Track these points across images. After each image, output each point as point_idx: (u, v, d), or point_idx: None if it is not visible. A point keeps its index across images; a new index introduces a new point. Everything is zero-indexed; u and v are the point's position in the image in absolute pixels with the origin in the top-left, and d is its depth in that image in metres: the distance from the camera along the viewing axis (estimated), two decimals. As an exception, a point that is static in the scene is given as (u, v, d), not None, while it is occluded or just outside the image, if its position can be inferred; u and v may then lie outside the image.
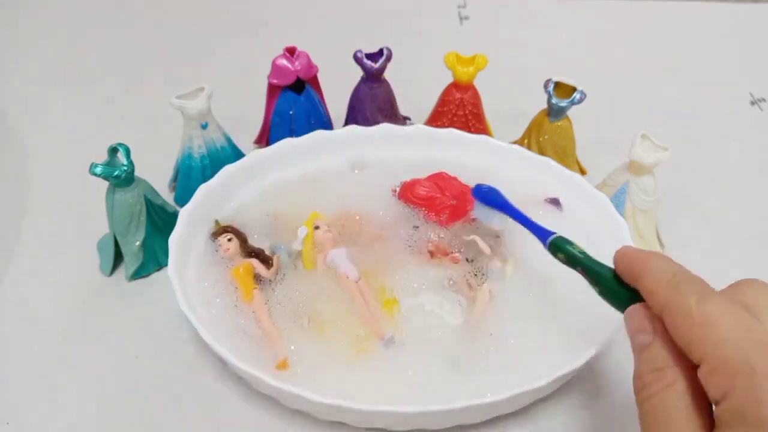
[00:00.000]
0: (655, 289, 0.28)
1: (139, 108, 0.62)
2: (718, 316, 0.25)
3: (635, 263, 0.29)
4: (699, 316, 0.25)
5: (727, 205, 0.54)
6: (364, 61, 0.51)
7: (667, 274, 0.28)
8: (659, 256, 0.29)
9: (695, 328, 0.25)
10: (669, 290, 0.27)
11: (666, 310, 0.26)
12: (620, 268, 0.30)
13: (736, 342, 0.24)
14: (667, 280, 0.27)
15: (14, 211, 0.51)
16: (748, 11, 0.79)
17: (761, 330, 0.24)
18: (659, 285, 0.27)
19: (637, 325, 0.28)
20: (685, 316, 0.25)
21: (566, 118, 0.51)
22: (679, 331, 0.25)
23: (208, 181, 0.45)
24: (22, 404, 0.39)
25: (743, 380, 0.23)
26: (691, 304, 0.25)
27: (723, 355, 0.24)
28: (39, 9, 0.77)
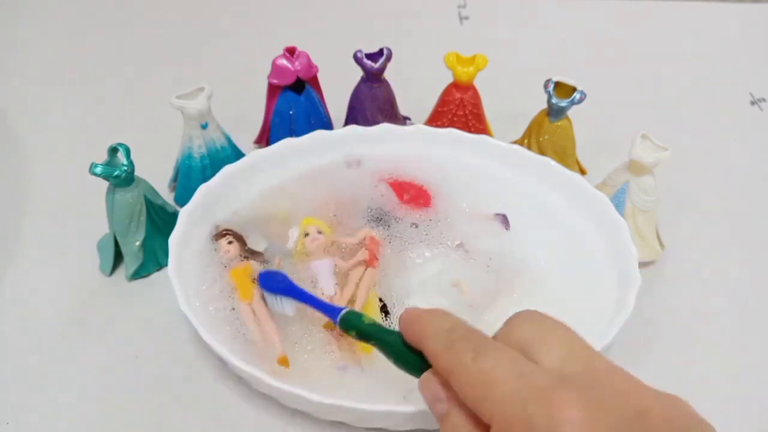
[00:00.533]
0: (435, 351, 0.27)
1: (139, 108, 0.62)
2: (493, 371, 0.24)
3: (416, 324, 0.29)
4: (476, 375, 0.25)
5: (727, 205, 0.54)
6: (364, 61, 0.51)
7: (444, 332, 0.27)
8: (438, 314, 0.29)
9: (476, 388, 0.25)
10: (447, 351, 0.26)
11: (448, 374, 0.26)
12: (405, 332, 0.29)
13: (513, 396, 0.23)
14: (444, 339, 0.27)
15: (14, 211, 0.51)
16: (748, 11, 0.79)
17: (535, 373, 0.24)
18: (437, 348, 0.27)
19: (432, 395, 0.27)
20: (466, 378, 0.25)
21: (566, 118, 0.51)
22: (464, 394, 0.25)
23: (208, 181, 0.45)
24: (22, 404, 0.39)
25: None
26: (467, 363, 0.25)
27: (504, 412, 0.23)
28: (39, 9, 0.77)
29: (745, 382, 0.41)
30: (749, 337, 0.44)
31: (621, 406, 0.23)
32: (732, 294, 0.47)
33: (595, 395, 0.23)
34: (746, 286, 0.47)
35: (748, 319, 0.45)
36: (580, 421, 0.22)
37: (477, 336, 0.27)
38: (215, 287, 0.41)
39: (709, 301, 0.46)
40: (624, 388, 0.24)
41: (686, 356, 0.42)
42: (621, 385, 0.24)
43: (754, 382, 0.41)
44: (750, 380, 0.41)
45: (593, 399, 0.23)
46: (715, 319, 0.45)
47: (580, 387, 0.23)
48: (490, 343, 0.26)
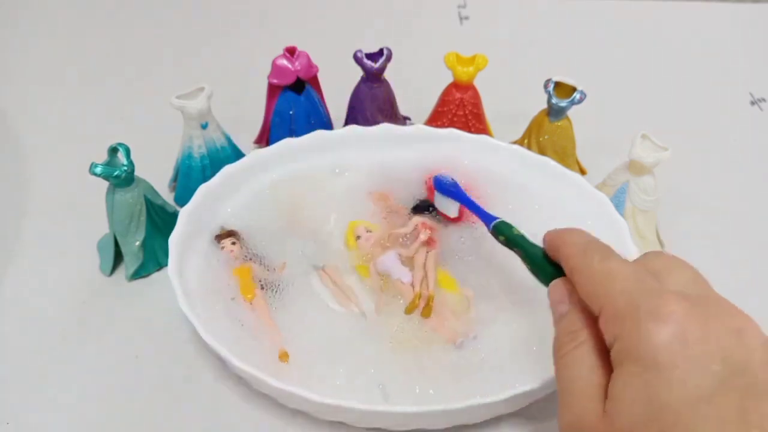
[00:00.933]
0: (568, 255, 0.30)
1: (139, 108, 0.62)
2: (616, 271, 0.27)
3: (558, 238, 0.32)
4: (599, 272, 0.27)
5: (727, 205, 0.54)
6: (364, 61, 0.51)
7: (580, 242, 0.30)
8: (578, 231, 0.32)
9: (596, 283, 0.27)
10: (579, 254, 0.29)
11: (575, 272, 0.29)
12: (546, 245, 0.33)
13: (628, 291, 0.26)
14: (579, 246, 0.30)
15: (14, 211, 0.51)
16: (748, 11, 0.79)
17: (651, 279, 0.26)
18: (572, 251, 0.30)
19: (557, 296, 0.30)
20: (589, 273, 0.28)
21: (566, 118, 0.51)
22: (584, 289, 0.28)
23: (208, 181, 0.45)
24: (22, 404, 0.39)
25: (629, 322, 0.25)
26: (594, 263, 0.28)
27: (616, 303, 0.26)
28: (39, 9, 0.77)
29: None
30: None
31: (724, 321, 0.24)
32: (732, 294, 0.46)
33: (703, 305, 0.25)
34: (746, 286, 0.47)
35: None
36: (681, 314, 0.24)
37: (608, 248, 0.29)
38: (215, 287, 0.41)
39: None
40: (732, 312, 0.26)
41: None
42: (730, 309, 0.26)
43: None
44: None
45: (701, 306, 0.25)
46: (715, 319, 0.45)
47: (691, 299, 0.25)
48: (618, 255, 0.29)
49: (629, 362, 0.24)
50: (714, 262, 0.48)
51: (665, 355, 0.23)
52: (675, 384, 0.23)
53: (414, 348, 0.39)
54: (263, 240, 0.44)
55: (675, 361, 0.23)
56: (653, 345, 0.23)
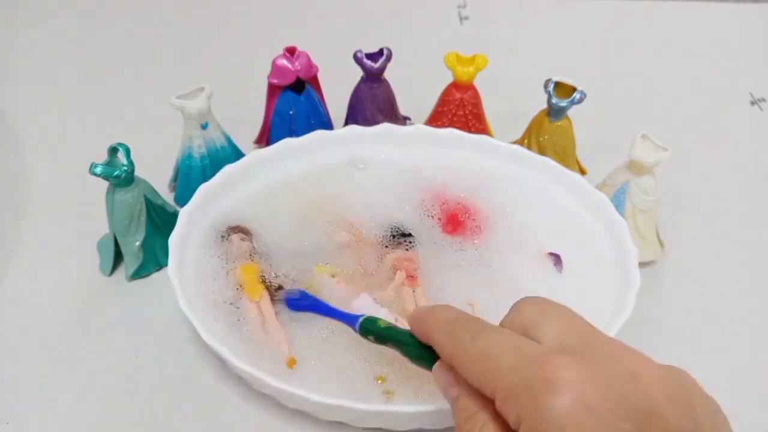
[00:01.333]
0: (439, 342, 0.29)
1: (139, 108, 0.62)
2: (491, 347, 0.26)
3: (423, 320, 0.30)
4: (476, 354, 0.26)
5: (727, 205, 0.54)
6: (364, 61, 0.51)
7: (446, 323, 0.29)
8: (441, 308, 0.30)
9: (476, 366, 0.26)
10: (448, 339, 0.28)
11: (452, 358, 0.27)
12: (413, 328, 0.31)
13: (510, 365, 0.25)
14: (446, 328, 0.28)
15: (14, 211, 0.51)
16: (748, 11, 0.79)
17: (531, 345, 0.25)
18: (441, 336, 0.28)
19: (444, 381, 0.29)
20: (466, 358, 0.26)
21: (566, 118, 0.51)
22: (467, 374, 0.26)
23: (208, 181, 0.45)
24: (22, 404, 0.39)
25: (526, 400, 0.23)
26: (467, 345, 0.27)
27: (505, 383, 0.24)
28: (39, 9, 0.77)
29: (746, 382, 0.41)
30: (749, 337, 0.44)
31: (616, 368, 0.24)
32: (732, 294, 0.47)
33: (589, 358, 0.24)
34: (746, 286, 0.47)
35: (748, 319, 0.45)
36: (574, 378, 0.23)
37: (477, 322, 0.28)
38: (215, 287, 0.41)
39: (709, 301, 0.46)
40: (620, 354, 0.25)
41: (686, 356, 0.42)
42: (617, 351, 0.25)
43: (755, 382, 0.41)
44: (750, 380, 0.41)
45: (588, 361, 0.24)
46: (715, 318, 0.45)
47: (575, 352, 0.24)
48: (488, 326, 0.28)
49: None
50: (714, 262, 0.49)
51: (573, 427, 0.22)
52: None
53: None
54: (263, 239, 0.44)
55: (584, 429, 0.22)
56: (557, 420, 0.22)
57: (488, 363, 0.25)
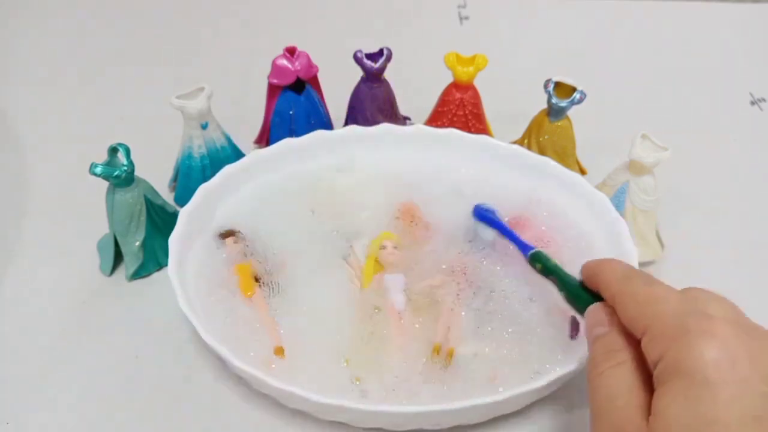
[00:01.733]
0: (609, 281, 0.31)
1: (139, 108, 0.62)
2: (662, 294, 0.28)
3: (598, 266, 0.33)
4: (644, 296, 0.28)
5: (727, 205, 0.54)
6: (364, 61, 0.51)
7: (621, 270, 0.31)
8: (616, 261, 0.33)
9: (640, 306, 0.28)
10: (621, 281, 0.30)
11: (617, 297, 0.29)
12: (584, 274, 0.33)
13: (677, 312, 0.26)
14: (621, 274, 0.30)
15: (14, 211, 0.51)
16: (748, 11, 0.79)
17: (699, 307, 0.27)
18: (613, 278, 0.30)
19: (595, 320, 0.30)
20: (633, 297, 0.28)
21: (566, 118, 0.51)
22: (628, 312, 0.28)
23: (208, 181, 0.45)
24: (22, 404, 0.39)
25: (678, 340, 0.25)
26: (638, 287, 0.29)
27: (662, 323, 0.26)
28: (39, 9, 0.77)
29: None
30: (749, 337, 0.44)
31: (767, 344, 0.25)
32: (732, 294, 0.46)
33: (746, 331, 0.25)
34: (746, 286, 0.47)
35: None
36: (729, 336, 0.24)
37: (651, 276, 0.30)
38: (215, 287, 0.41)
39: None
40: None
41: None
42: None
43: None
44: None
45: (744, 332, 0.25)
46: (715, 319, 0.45)
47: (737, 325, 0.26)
48: (662, 282, 0.29)
49: (677, 378, 0.24)
50: (714, 262, 0.49)
51: (715, 373, 0.23)
52: (725, 401, 0.23)
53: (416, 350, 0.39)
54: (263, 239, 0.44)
55: (725, 380, 0.23)
56: (703, 362, 0.24)
57: (654, 305, 0.27)
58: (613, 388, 0.27)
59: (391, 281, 0.42)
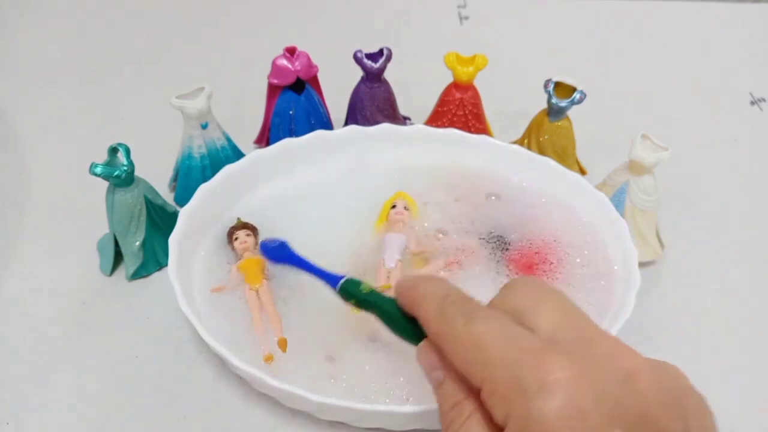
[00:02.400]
0: (427, 317, 0.27)
1: (139, 108, 0.62)
2: (484, 334, 0.24)
3: (411, 290, 0.28)
4: (467, 340, 0.25)
5: (727, 205, 0.54)
6: (364, 61, 0.51)
7: (436, 299, 0.27)
8: (432, 280, 0.29)
9: (467, 352, 0.25)
10: (438, 317, 0.26)
11: (439, 338, 0.26)
12: (400, 298, 0.29)
13: (502, 358, 0.23)
14: (437, 305, 0.27)
15: (14, 210, 0.51)
16: (748, 11, 0.79)
17: (526, 337, 0.24)
18: (430, 313, 0.27)
19: (429, 362, 0.27)
20: (456, 342, 0.25)
21: (566, 118, 0.51)
22: (455, 359, 0.25)
23: (208, 181, 0.45)
24: (22, 404, 0.39)
25: (516, 400, 0.22)
26: (458, 328, 0.25)
27: (493, 375, 0.23)
28: (39, 9, 0.77)
29: (746, 382, 0.41)
30: (749, 337, 0.44)
31: (611, 368, 0.23)
32: (732, 294, 0.47)
33: (584, 357, 0.23)
34: (746, 286, 0.47)
35: (748, 319, 0.45)
36: (568, 382, 0.22)
37: (469, 302, 0.27)
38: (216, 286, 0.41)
39: (709, 301, 0.46)
40: (614, 352, 0.24)
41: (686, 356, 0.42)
42: (612, 349, 0.24)
43: (755, 382, 0.41)
44: (750, 380, 0.41)
45: (582, 361, 0.23)
46: (715, 319, 0.45)
47: (570, 350, 0.23)
48: (482, 309, 0.26)
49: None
50: (714, 262, 0.49)
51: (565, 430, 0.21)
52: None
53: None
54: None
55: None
56: (548, 425, 0.21)
57: (479, 352, 0.24)
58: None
59: (391, 239, 0.43)
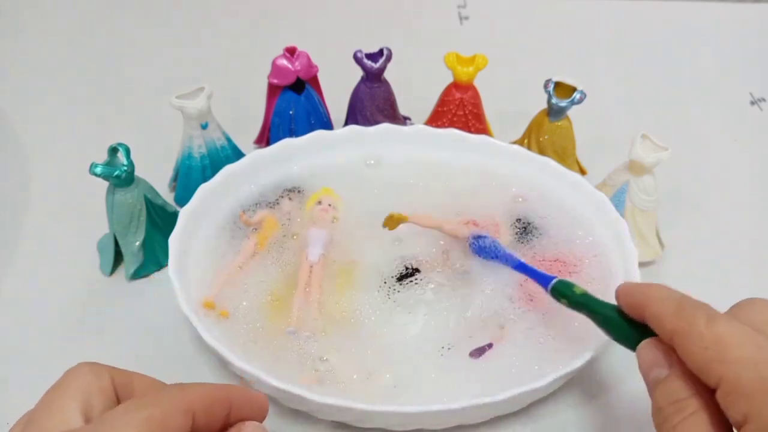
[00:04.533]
0: (662, 315, 0.27)
1: (139, 108, 0.62)
2: (729, 336, 0.25)
3: (638, 295, 0.29)
4: (710, 338, 0.25)
5: (727, 205, 0.54)
6: (364, 61, 0.51)
7: (672, 300, 0.28)
8: (661, 286, 0.29)
9: (708, 350, 0.25)
10: (676, 315, 0.27)
11: (676, 336, 0.26)
12: (624, 302, 0.30)
13: (749, 360, 0.24)
14: (674, 305, 0.27)
15: (14, 211, 0.51)
16: (748, 11, 0.79)
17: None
18: (666, 311, 0.27)
19: (651, 360, 0.28)
20: (697, 340, 0.25)
21: (566, 118, 0.51)
22: (692, 356, 0.25)
23: (208, 181, 0.45)
24: (22, 404, 0.39)
25: (762, 401, 0.23)
26: (700, 327, 0.25)
27: (738, 375, 0.24)
28: (39, 9, 0.77)
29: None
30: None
31: None
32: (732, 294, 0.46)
33: None
34: (746, 286, 0.47)
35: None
36: None
37: (708, 307, 0.27)
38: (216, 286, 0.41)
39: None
40: None
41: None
42: None
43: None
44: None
45: None
46: (715, 319, 0.45)
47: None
48: (722, 314, 0.27)
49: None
50: (714, 262, 0.49)
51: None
52: None
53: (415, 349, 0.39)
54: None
55: None
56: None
57: (724, 350, 0.24)
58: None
59: (314, 235, 0.44)
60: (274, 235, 0.44)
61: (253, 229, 0.44)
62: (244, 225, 0.45)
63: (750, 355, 0.24)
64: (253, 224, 0.45)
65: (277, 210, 0.46)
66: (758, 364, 0.23)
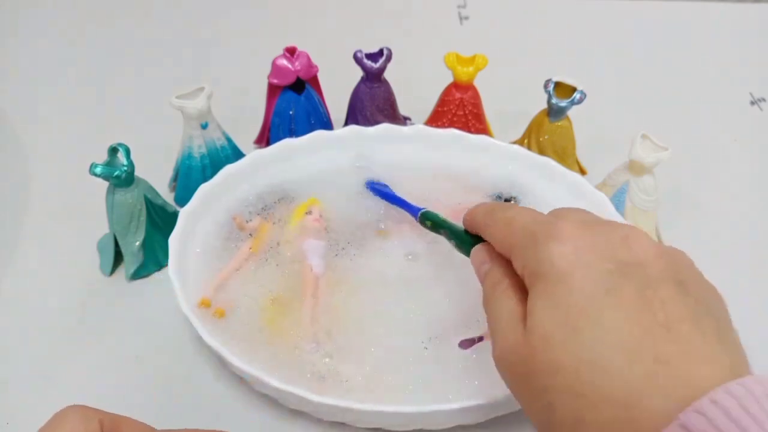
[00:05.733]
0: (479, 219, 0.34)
1: (139, 108, 0.62)
2: (515, 215, 0.31)
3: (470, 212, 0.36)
4: (503, 220, 0.31)
5: (727, 205, 0.54)
6: (364, 61, 0.51)
7: (486, 206, 0.35)
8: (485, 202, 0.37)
9: (503, 229, 0.31)
10: (486, 213, 0.33)
11: (486, 230, 0.33)
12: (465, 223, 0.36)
13: (527, 226, 0.29)
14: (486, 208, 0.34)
15: (14, 211, 0.51)
16: (748, 11, 0.79)
17: (548, 217, 0.30)
18: (480, 213, 0.34)
19: (480, 258, 0.33)
20: (494, 224, 0.32)
21: (566, 118, 0.51)
22: (495, 239, 0.32)
23: (208, 181, 0.45)
24: (22, 404, 0.39)
25: (530, 248, 0.28)
26: (499, 215, 0.32)
27: (518, 238, 0.29)
28: (39, 9, 0.77)
29: (745, 382, 0.41)
30: (749, 337, 0.44)
31: (609, 231, 0.27)
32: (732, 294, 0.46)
33: (590, 225, 0.28)
34: (746, 286, 0.47)
35: (748, 319, 0.45)
36: (571, 233, 0.27)
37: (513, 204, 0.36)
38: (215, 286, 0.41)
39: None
40: (617, 225, 0.28)
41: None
42: (616, 224, 0.29)
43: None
44: (750, 380, 0.41)
45: (588, 226, 0.28)
46: (715, 319, 0.45)
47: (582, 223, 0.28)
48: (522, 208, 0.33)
49: (537, 281, 0.27)
50: (714, 262, 0.48)
51: (563, 265, 0.26)
52: (576, 286, 0.25)
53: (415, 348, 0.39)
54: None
55: (572, 269, 0.26)
56: (552, 260, 0.26)
57: (510, 226, 0.30)
58: (498, 309, 0.29)
59: (311, 246, 0.43)
60: (269, 239, 0.44)
61: (249, 234, 0.44)
62: (239, 229, 0.45)
63: (527, 223, 0.29)
64: (248, 230, 0.45)
65: (270, 217, 0.46)
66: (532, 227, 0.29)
